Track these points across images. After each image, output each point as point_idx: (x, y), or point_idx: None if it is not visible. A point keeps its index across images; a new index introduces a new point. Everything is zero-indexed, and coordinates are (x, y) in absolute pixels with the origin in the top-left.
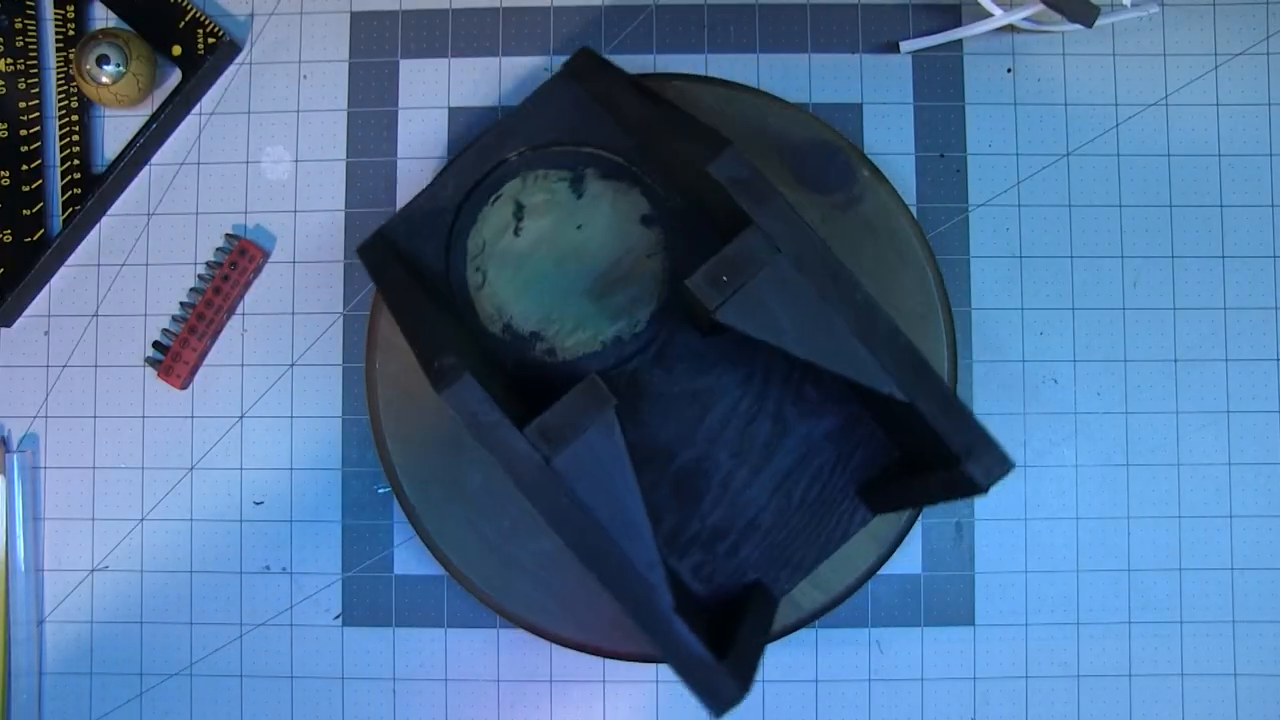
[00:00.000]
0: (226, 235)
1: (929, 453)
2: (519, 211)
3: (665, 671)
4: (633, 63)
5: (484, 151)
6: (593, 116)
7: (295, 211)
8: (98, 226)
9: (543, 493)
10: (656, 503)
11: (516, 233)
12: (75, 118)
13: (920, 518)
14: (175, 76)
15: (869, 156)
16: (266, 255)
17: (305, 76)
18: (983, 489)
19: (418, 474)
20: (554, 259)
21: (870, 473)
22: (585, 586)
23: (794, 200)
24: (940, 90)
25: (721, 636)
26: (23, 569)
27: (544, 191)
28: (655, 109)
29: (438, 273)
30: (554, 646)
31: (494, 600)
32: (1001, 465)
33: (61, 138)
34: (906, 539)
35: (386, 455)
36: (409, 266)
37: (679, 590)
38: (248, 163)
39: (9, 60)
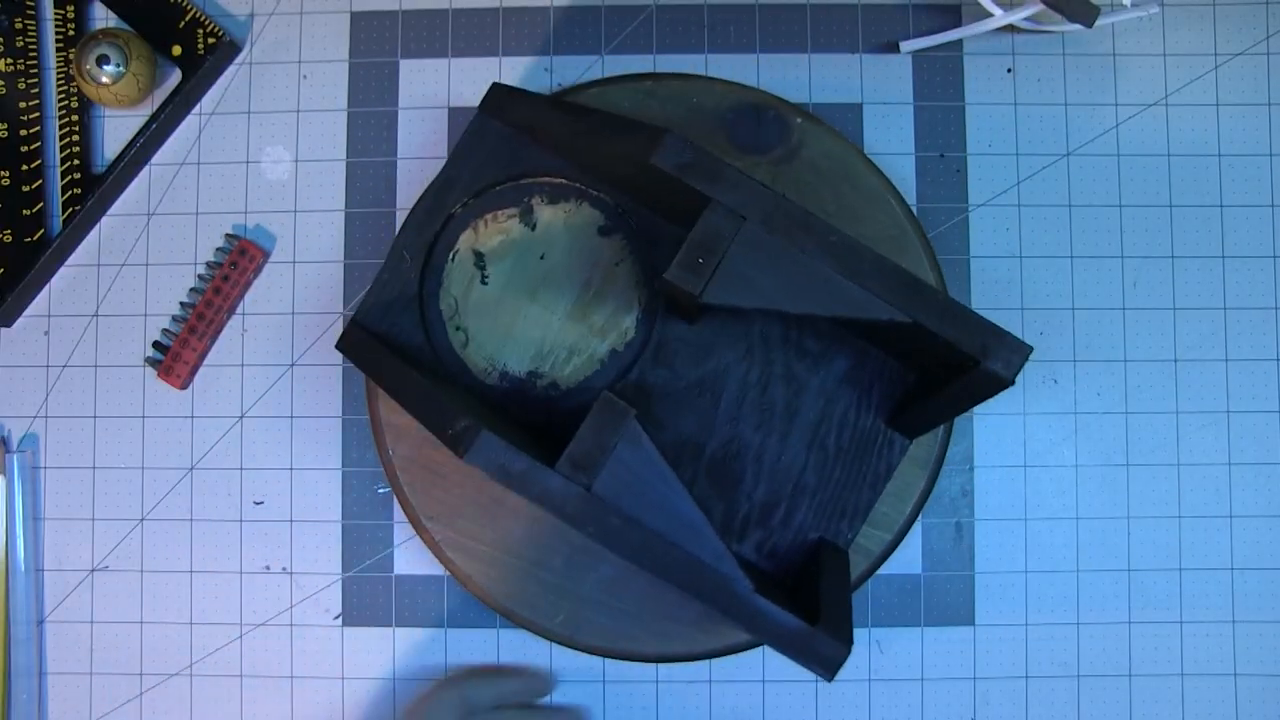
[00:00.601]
0: (226, 235)
1: (945, 364)
2: (480, 260)
3: (665, 671)
4: (633, 63)
5: (428, 214)
6: (522, 147)
7: (295, 211)
8: (98, 226)
9: (591, 520)
10: (699, 496)
11: (484, 281)
12: (75, 118)
13: (921, 516)
14: (175, 76)
15: (870, 157)
16: (266, 255)
17: (305, 76)
18: (1008, 380)
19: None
20: (527, 295)
21: (894, 402)
22: (654, 598)
23: (740, 166)
24: (940, 90)
25: (807, 602)
26: (23, 569)
27: (498, 233)
28: (582, 120)
29: (420, 343)
30: (554, 646)
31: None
32: (1019, 353)
33: (61, 138)
34: (906, 538)
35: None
36: (392, 346)
37: (750, 572)
38: (248, 163)
39: (9, 60)
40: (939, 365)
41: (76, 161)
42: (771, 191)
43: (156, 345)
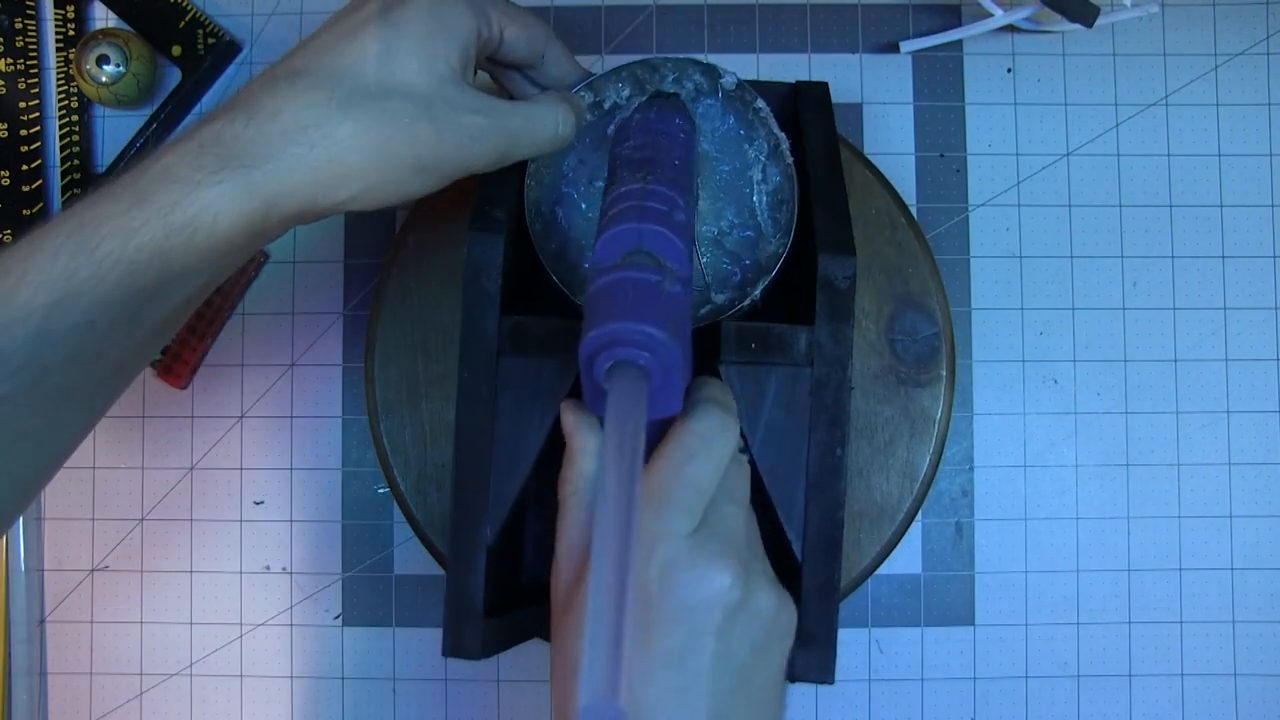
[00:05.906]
0: None
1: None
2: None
3: None
4: None
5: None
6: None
7: None
8: None
9: (476, 374)
10: (552, 459)
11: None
12: (75, 118)
13: (919, 518)
14: (175, 76)
15: (870, 157)
16: (266, 255)
17: None
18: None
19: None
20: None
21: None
22: None
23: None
24: (940, 90)
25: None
26: (23, 569)
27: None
28: (834, 173)
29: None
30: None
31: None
32: (820, 673)
33: (61, 138)
34: (906, 538)
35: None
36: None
37: (507, 541)
38: None
39: (9, 60)
40: None
41: (76, 161)
42: (849, 375)
43: None
